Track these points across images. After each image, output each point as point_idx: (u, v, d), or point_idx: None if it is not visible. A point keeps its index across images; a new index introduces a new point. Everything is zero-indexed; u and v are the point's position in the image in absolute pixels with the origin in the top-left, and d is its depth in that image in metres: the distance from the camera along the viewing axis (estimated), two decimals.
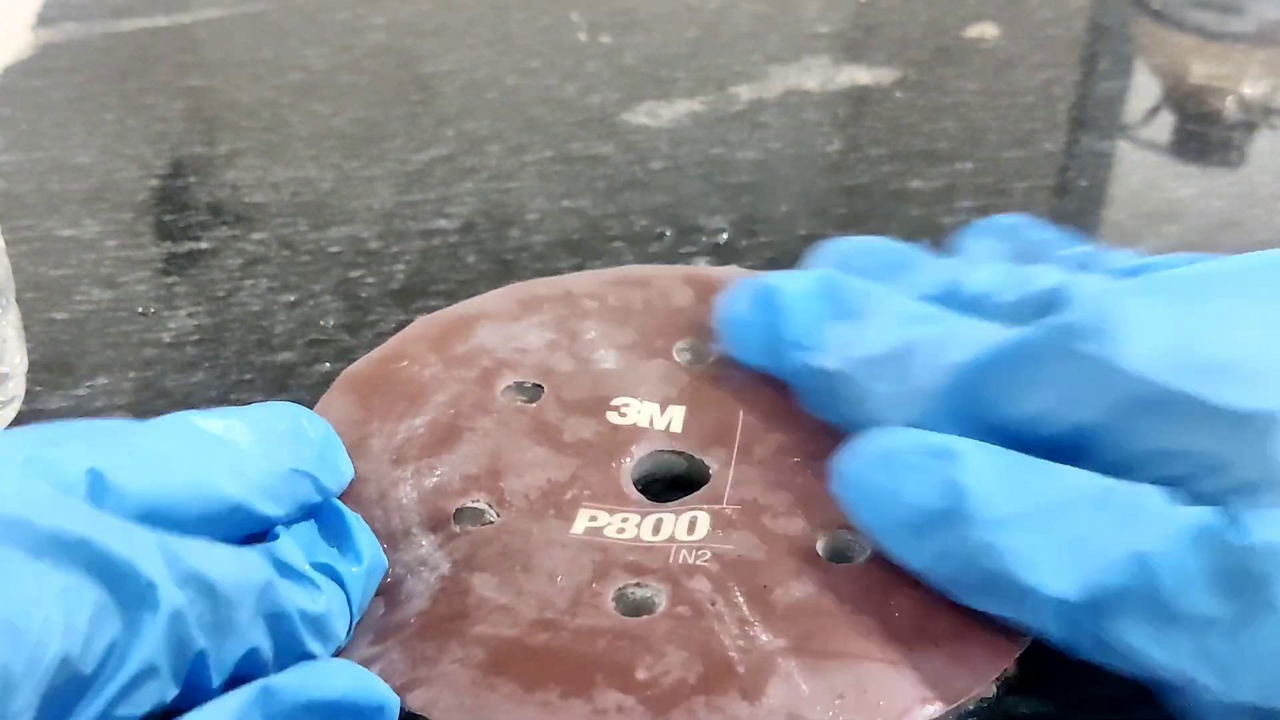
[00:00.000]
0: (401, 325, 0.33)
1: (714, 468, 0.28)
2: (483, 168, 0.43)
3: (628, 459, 0.28)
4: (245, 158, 0.44)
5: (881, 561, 0.24)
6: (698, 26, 0.51)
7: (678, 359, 0.31)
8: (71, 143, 0.44)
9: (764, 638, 0.23)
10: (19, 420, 0.32)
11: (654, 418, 0.29)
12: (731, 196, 0.41)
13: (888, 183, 0.42)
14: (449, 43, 0.50)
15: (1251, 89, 0.47)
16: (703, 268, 0.34)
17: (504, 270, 0.37)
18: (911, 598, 0.24)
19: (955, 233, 0.32)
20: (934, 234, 0.39)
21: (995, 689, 0.23)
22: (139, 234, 0.40)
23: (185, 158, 0.44)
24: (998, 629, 0.23)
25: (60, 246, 0.39)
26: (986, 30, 0.51)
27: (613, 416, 0.29)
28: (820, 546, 0.25)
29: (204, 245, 0.39)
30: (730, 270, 0.34)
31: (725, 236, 0.39)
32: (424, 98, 0.47)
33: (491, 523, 0.26)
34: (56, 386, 0.33)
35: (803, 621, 0.24)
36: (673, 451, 0.28)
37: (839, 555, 0.25)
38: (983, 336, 0.25)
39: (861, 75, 0.48)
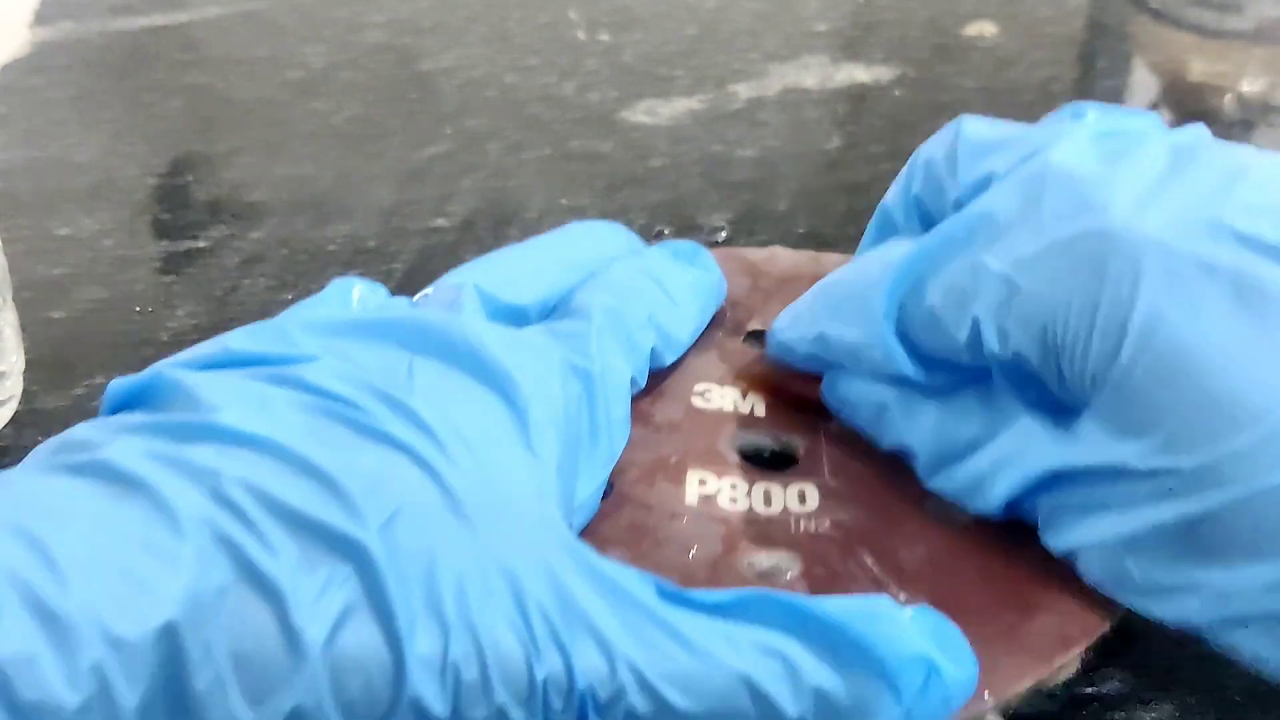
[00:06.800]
0: None
1: (805, 446, 0.28)
2: (481, 165, 0.43)
3: (721, 437, 0.29)
4: (244, 156, 0.44)
5: (986, 523, 0.26)
6: (696, 24, 0.51)
7: (746, 345, 0.31)
8: (69, 141, 0.44)
9: (901, 596, 0.24)
10: (16, 421, 0.32)
11: (737, 403, 0.30)
12: (731, 194, 0.41)
13: (887, 180, 0.41)
14: (447, 40, 0.50)
15: (1250, 87, 0.47)
16: (751, 249, 0.35)
17: None
18: (1025, 556, 0.25)
19: None
20: None
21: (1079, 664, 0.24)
22: (137, 232, 0.40)
23: (184, 156, 0.44)
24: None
25: (58, 245, 0.39)
26: (985, 28, 0.51)
27: (697, 401, 0.30)
28: (926, 510, 0.26)
29: (202, 244, 0.39)
30: (775, 250, 0.35)
31: (724, 234, 0.39)
32: (422, 95, 0.47)
33: (606, 495, 0.27)
34: (54, 386, 0.33)
35: (932, 579, 0.25)
36: (763, 432, 0.29)
37: (943, 519, 0.26)
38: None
39: (860, 73, 0.48)
